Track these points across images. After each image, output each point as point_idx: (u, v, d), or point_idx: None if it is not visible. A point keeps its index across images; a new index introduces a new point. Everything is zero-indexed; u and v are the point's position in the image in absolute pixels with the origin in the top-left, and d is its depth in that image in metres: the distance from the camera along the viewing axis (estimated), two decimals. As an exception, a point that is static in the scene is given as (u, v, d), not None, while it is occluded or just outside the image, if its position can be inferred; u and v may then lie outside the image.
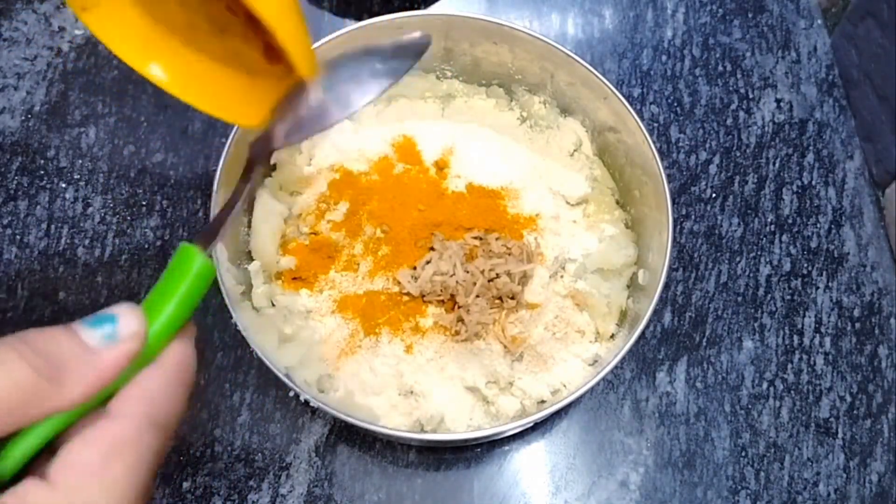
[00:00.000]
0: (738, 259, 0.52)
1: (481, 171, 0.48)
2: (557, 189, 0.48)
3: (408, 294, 0.44)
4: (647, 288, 0.43)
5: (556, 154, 0.49)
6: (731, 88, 0.57)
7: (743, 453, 0.47)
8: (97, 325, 0.23)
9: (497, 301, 0.44)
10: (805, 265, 0.53)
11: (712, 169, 0.55)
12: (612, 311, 0.45)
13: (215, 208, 0.41)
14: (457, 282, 0.44)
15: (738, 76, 0.58)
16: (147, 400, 0.24)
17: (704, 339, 0.50)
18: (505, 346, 0.44)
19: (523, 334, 0.44)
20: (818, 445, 0.48)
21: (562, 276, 0.46)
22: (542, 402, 0.43)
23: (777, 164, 0.55)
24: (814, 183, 0.55)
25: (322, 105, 0.31)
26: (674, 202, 0.54)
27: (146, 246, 0.51)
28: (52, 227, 0.51)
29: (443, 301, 0.44)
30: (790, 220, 0.54)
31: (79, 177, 0.52)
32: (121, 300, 0.25)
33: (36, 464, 0.23)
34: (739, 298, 0.51)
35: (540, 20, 0.59)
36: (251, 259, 0.45)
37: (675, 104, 0.57)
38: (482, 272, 0.44)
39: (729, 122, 0.56)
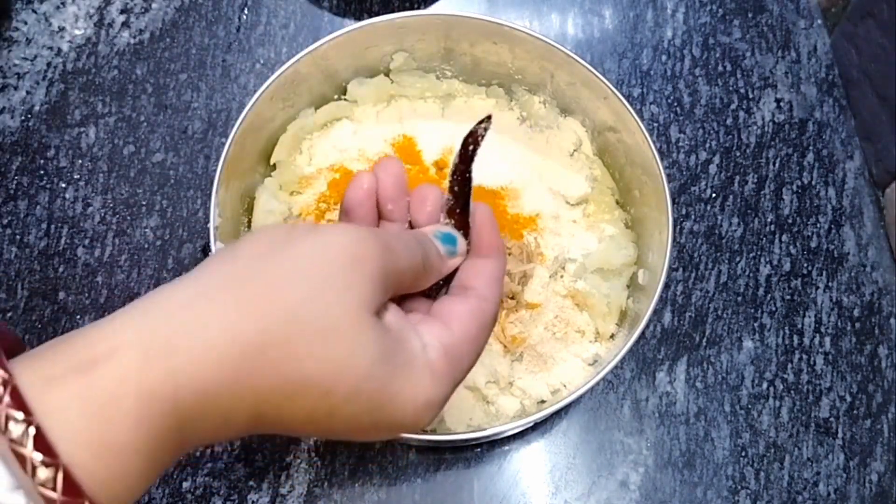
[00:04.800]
0: (738, 259, 0.52)
1: (481, 171, 0.48)
2: (557, 189, 0.48)
3: (408, 294, 0.44)
4: (647, 288, 0.43)
5: (556, 154, 0.49)
6: (731, 88, 0.57)
7: (743, 453, 0.47)
8: (447, 242, 0.31)
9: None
10: (805, 265, 0.53)
11: (712, 169, 0.55)
12: (612, 311, 0.45)
13: (215, 208, 0.41)
14: (457, 282, 0.43)
15: (738, 76, 0.58)
16: (499, 286, 0.31)
17: (704, 339, 0.50)
18: (505, 346, 0.44)
19: (523, 334, 0.44)
20: (818, 445, 0.48)
21: (562, 276, 0.46)
22: (542, 402, 0.43)
23: (777, 164, 0.55)
24: (814, 183, 0.55)
25: None
26: (674, 202, 0.53)
27: (146, 246, 0.51)
28: (52, 227, 0.51)
29: (443, 301, 0.44)
30: (790, 220, 0.54)
31: (79, 177, 0.52)
32: (121, 300, 0.26)
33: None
34: (739, 298, 0.51)
35: (540, 20, 0.59)
36: (251, 259, 0.45)
37: (675, 104, 0.57)
38: (482, 272, 0.44)
39: (729, 122, 0.56)
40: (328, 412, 0.25)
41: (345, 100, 0.50)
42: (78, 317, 0.48)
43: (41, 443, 0.20)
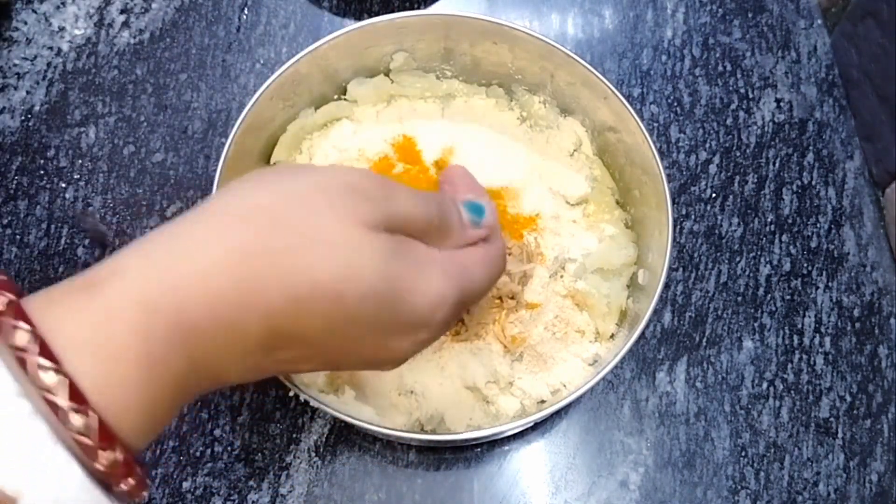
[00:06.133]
0: (738, 259, 0.52)
1: (481, 171, 0.48)
2: (557, 189, 0.48)
3: (408, 294, 0.44)
4: (647, 288, 0.43)
5: (556, 154, 0.49)
6: (731, 88, 0.57)
7: (743, 453, 0.47)
8: (474, 212, 0.32)
9: (497, 301, 0.44)
10: (805, 265, 0.53)
11: (712, 169, 0.55)
12: (612, 310, 0.45)
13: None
14: (457, 282, 0.43)
15: (738, 76, 0.58)
16: (498, 227, 0.33)
17: (704, 339, 0.50)
18: (505, 346, 0.44)
19: (523, 334, 0.44)
20: (818, 445, 0.48)
21: (562, 276, 0.46)
22: (542, 402, 0.43)
23: (777, 164, 0.55)
24: (814, 183, 0.55)
25: None
26: (674, 202, 0.54)
27: (146, 246, 0.50)
28: (52, 227, 0.51)
29: (443, 301, 0.44)
30: (790, 220, 0.54)
31: (79, 177, 0.52)
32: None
33: None
34: (739, 298, 0.51)
35: (540, 20, 0.59)
36: (251, 259, 0.45)
37: (675, 104, 0.57)
38: (482, 272, 0.44)
39: (729, 121, 0.56)
40: (345, 317, 0.26)
41: (345, 100, 0.50)
42: (78, 317, 0.48)
43: (45, 351, 0.20)
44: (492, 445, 0.47)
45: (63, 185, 0.52)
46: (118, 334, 0.22)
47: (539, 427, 0.47)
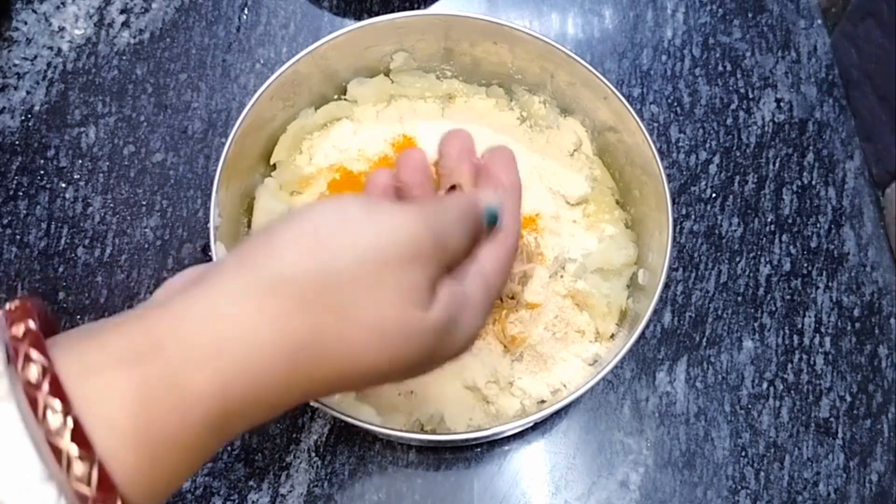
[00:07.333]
0: (738, 259, 0.52)
1: (481, 171, 0.48)
2: (557, 189, 0.48)
3: (408, 294, 0.44)
4: (647, 288, 0.43)
5: (556, 154, 0.49)
6: (731, 88, 0.57)
7: (743, 453, 0.47)
8: (491, 221, 0.31)
9: (497, 301, 0.44)
10: (805, 265, 0.53)
11: (712, 169, 0.55)
12: (612, 310, 0.45)
13: (215, 208, 0.41)
14: (457, 282, 0.43)
15: (738, 76, 0.58)
16: (517, 219, 0.32)
17: (704, 339, 0.50)
18: (505, 346, 0.44)
19: (523, 334, 0.44)
20: (818, 445, 0.48)
21: (562, 276, 0.46)
22: (542, 402, 0.43)
23: (777, 164, 0.55)
24: (814, 183, 0.55)
25: None
26: (674, 202, 0.53)
27: (146, 246, 0.51)
28: (52, 226, 0.51)
29: (443, 301, 0.44)
30: (790, 220, 0.54)
31: (79, 177, 0.52)
32: (121, 300, 0.26)
33: None
34: (739, 298, 0.51)
35: (540, 20, 0.59)
36: (251, 259, 0.45)
37: (675, 104, 0.57)
38: (482, 272, 0.44)
39: (729, 121, 0.56)
40: (383, 378, 0.27)
41: (345, 100, 0.50)
42: (78, 317, 0.48)
43: (78, 434, 0.20)
44: (492, 445, 0.47)
45: (63, 185, 0.52)
46: (157, 423, 0.21)
47: (539, 427, 0.47)
